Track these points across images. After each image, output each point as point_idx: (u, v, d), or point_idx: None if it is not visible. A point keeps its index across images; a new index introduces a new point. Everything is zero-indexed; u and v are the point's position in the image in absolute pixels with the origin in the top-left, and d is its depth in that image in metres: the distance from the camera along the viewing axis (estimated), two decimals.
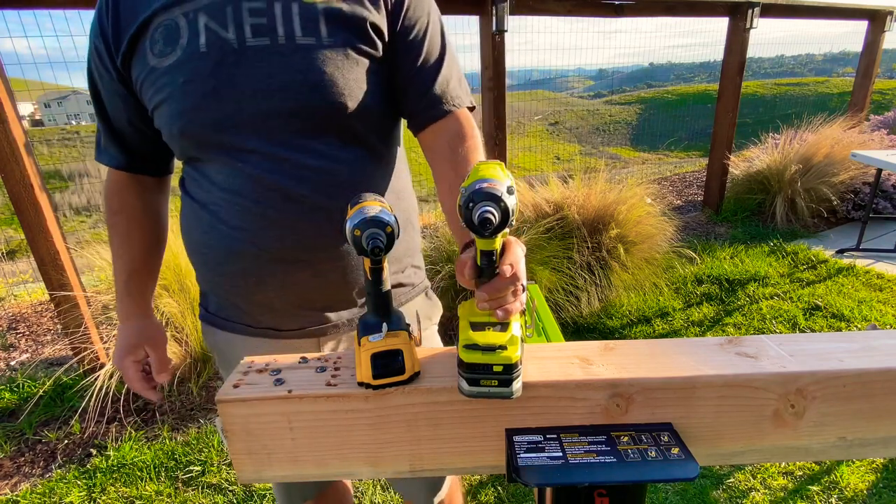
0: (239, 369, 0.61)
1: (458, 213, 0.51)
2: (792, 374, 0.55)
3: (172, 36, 0.72)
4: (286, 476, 0.59)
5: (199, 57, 0.72)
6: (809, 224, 3.89)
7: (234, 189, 0.77)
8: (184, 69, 0.72)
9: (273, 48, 0.72)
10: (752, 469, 1.76)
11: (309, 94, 0.73)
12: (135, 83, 0.77)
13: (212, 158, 0.77)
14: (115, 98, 0.81)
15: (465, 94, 0.84)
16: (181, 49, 0.72)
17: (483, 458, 0.59)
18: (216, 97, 0.72)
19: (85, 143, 23.18)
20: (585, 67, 7.93)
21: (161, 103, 0.75)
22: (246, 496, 1.71)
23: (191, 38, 0.72)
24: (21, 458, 1.92)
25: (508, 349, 0.51)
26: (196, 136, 0.76)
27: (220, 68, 0.72)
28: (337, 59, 0.74)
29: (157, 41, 0.73)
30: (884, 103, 13.09)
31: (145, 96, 0.77)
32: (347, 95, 0.75)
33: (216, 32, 0.72)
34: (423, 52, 0.80)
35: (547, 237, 2.61)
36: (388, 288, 0.59)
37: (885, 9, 4.54)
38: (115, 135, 0.86)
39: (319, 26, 0.73)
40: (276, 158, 0.75)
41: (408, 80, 0.81)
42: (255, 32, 0.72)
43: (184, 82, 0.72)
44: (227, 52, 0.72)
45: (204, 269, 0.85)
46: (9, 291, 3.24)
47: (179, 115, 0.74)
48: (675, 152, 11.89)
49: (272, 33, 0.72)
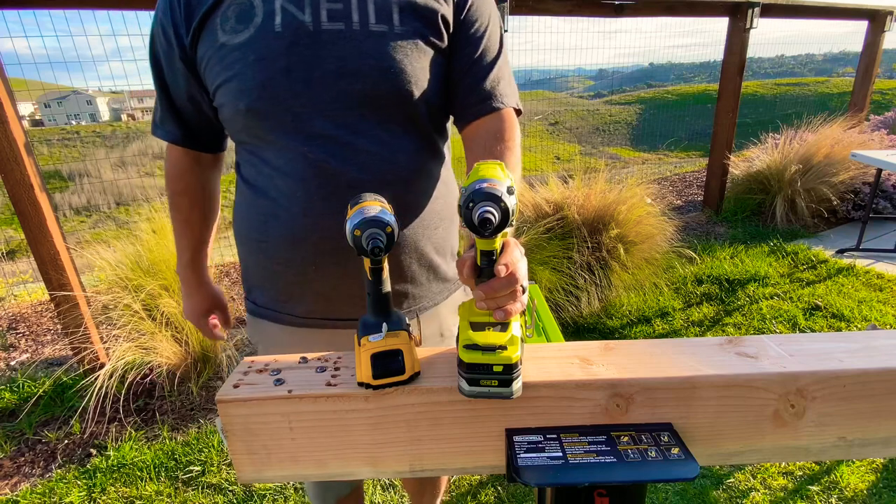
0: (239, 369, 0.61)
1: (458, 212, 0.51)
2: (792, 374, 0.55)
3: (246, 14, 0.74)
4: (286, 476, 0.59)
5: (274, 36, 0.73)
6: (809, 224, 3.89)
7: (297, 174, 0.77)
8: (256, 47, 0.73)
9: (347, 33, 0.74)
10: (752, 469, 1.76)
11: (379, 79, 0.75)
12: (200, 60, 0.78)
13: (274, 141, 0.78)
14: (178, 75, 0.82)
15: (513, 95, 0.86)
16: (255, 27, 0.73)
17: (483, 458, 0.59)
18: (287, 76, 0.74)
19: (85, 143, 23.17)
20: (585, 67, 7.92)
21: (229, 79, 0.75)
22: (246, 496, 1.71)
23: (266, 17, 0.73)
24: (21, 458, 1.92)
25: (508, 349, 0.51)
26: (263, 114, 0.76)
27: (293, 49, 0.73)
28: (407, 47, 0.76)
29: (230, 18, 0.74)
30: (884, 103, 13.09)
31: (211, 73, 0.77)
32: (414, 83, 0.77)
33: (292, 14, 0.73)
34: (481, 47, 0.82)
35: (547, 237, 2.61)
36: (389, 288, 0.59)
37: (885, 9, 4.54)
38: (174, 110, 0.87)
39: (392, 15, 0.76)
40: (340, 143, 0.76)
41: (462, 73, 0.82)
42: (331, 17, 0.74)
43: (255, 59, 0.73)
44: (302, 33, 0.73)
45: (261, 257, 0.85)
46: (9, 291, 3.24)
47: (248, 92, 0.74)
48: (675, 152, 11.89)
49: (347, 19, 0.74)
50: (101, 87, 55.12)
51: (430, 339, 0.94)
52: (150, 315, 2.13)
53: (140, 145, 22.53)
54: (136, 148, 21.92)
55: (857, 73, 4.81)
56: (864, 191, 3.88)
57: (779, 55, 27.96)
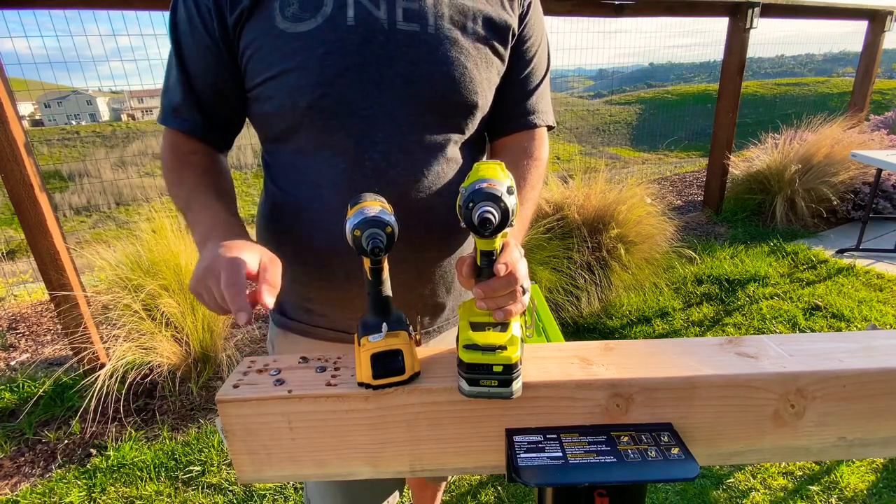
0: (239, 369, 0.61)
1: (458, 213, 0.51)
2: (792, 374, 0.55)
3: (312, 1, 0.68)
4: (286, 476, 0.59)
5: (346, 29, 0.68)
6: (809, 224, 3.89)
7: (346, 182, 0.72)
8: (325, 39, 0.68)
9: (422, 36, 0.70)
10: (752, 469, 1.76)
11: (449, 87, 0.72)
12: (246, 45, 0.70)
13: (327, 143, 0.72)
14: (207, 58, 0.73)
15: (550, 112, 0.86)
16: (323, 17, 0.68)
17: (483, 458, 0.59)
18: (358, 75, 0.69)
19: (85, 143, 23.18)
20: (585, 67, 7.90)
21: (288, 71, 0.69)
22: (246, 496, 1.71)
23: (336, 8, 0.68)
24: (21, 458, 1.92)
25: (508, 349, 0.51)
26: (325, 113, 0.70)
27: (367, 46, 0.68)
28: (478, 57, 0.74)
29: (292, 3, 0.68)
30: (884, 103, 13.09)
31: (261, 62, 0.70)
32: (479, 94, 0.75)
33: (367, 8, 0.69)
34: (532, 64, 0.82)
35: (547, 237, 2.61)
36: (389, 288, 0.59)
37: (885, 9, 4.54)
38: (195, 98, 0.76)
39: (467, 22, 0.73)
40: (399, 152, 0.72)
41: (509, 87, 0.81)
42: (407, 17, 0.70)
43: (324, 53, 0.68)
44: (376, 30, 0.69)
45: (300, 269, 0.79)
46: (9, 291, 3.24)
47: (312, 88, 0.69)
48: (675, 152, 11.89)
49: (423, 20, 0.70)
50: (101, 87, 55.15)
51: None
52: (150, 315, 2.13)
53: (140, 145, 22.54)
54: (136, 148, 21.92)
55: (857, 73, 4.81)
56: (864, 191, 3.88)
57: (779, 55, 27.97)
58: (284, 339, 0.88)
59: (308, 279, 0.80)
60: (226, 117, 0.80)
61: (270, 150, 0.80)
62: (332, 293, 0.80)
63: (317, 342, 0.85)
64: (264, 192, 0.84)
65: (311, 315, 0.84)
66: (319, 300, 0.82)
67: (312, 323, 0.84)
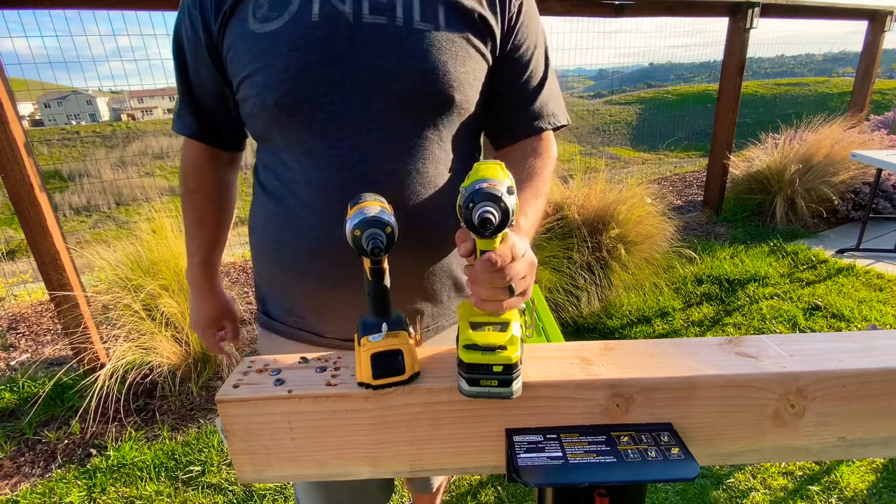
0: (239, 369, 0.61)
1: (459, 213, 0.51)
2: (792, 374, 0.55)
3: (281, 1, 0.69)
4: (286, 476, 0.59)
5: (310, 25, 0.68)
6: (809, 224, 3.89)
7: (321, 180, 0.72)
8: (290, 36, 0.68)
9: (389, 28, 0.69)
10: (752, 469, 1.76)
11: (420, 80, 0.70)
12: (227, 49, 0.73)
13: (300, 141, 0.73)
14: (201, 65, 0.78)
15: (561, 112, 0.85)
16: (289, 14, 0.69)
17: (483, 458, 0.59)
18: (322, 70, 0.69)
19: (85, 143, 23.18)
20: (585, 67, 7.91)
21: (257, 70, 0.70)
22: (246, 496, 1.71)
23: (302, 4, 0.69)
24: (21, 458, 1.92)
25: (508, 349, 0.51)
26: (292, 110, 0.70)
27: (330, 41, 0.68)
28: (452, 49, 0.72)
29: (263, 5, 0.70)
30: (884, 103, 13.08)
31: (237, 63, 0.72)
32: (456, 88, 0.72)
33: (332, 4, 0.69)
34: (531, 68, 0.80)
35: (547, 237, 2.61)
36: (388, 288, 0.59)
37: (885, 9, 4.54)
38: (193, 103, 0.83)
39: (438, 13, 0.71)
40: (369, 148, 0.71)
41: (511, 92, 0.81)
42: (373, 9, 0.69)
43: (289, 50, 0.68)
44: (341, 24, 0.68)
45: (276, 268, 0.81)
46: (9, 291, 3.24)
47: (278, 85, 0.69)
48: (675, 152, 11.88)
49: (390, 13, 0.69)
50: (101, 87, 55.14)
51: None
52: (150, 315, 2.13)
53: (140, 145, 22.54)
54: (136, 148, 21.92)
55: (857, 73, 4.81)
56: (864, 191, 3.87)
57: (779, 55, 27.96)
58: (266, 339, 0.89)
59: (285, 277, 0.80)
60: (227, 121, 0.84)
61: (256, 151, 0.83)
62: (306, 294, 0.80)
63: (297, 344, 0.84)
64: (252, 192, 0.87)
65: (291, 317, 0.84)
66: (295, 301, 0.82)
67: (290, 324, 0.84)
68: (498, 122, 0.84)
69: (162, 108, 52.83)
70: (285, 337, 0.85)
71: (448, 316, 0.87)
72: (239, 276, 3.38)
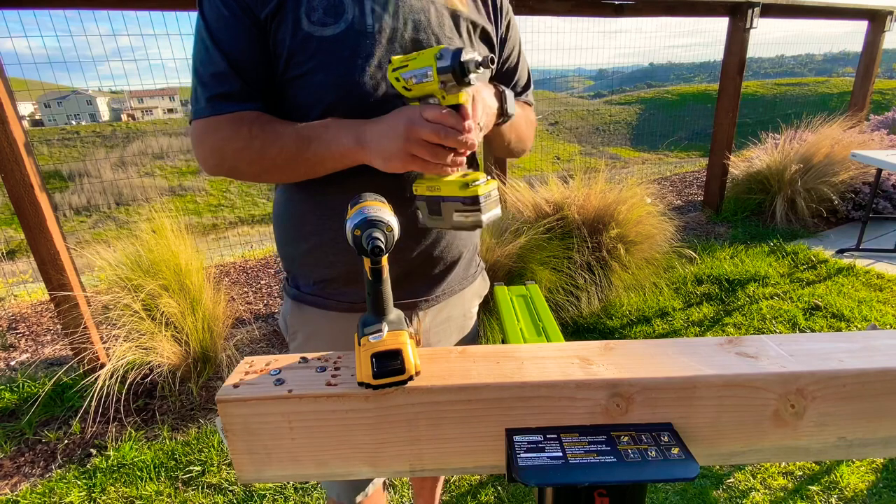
0: (239, 369, 0.61)
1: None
2: (792, 374, 0.55)
3: (334, 9, 0.75)
4: (286, 476, 0.59)
5: (367, 35, 0.76)
6: (809, 224, 3.89)
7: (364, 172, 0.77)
8: (349, 43, 0.75)
9: (426, 45, 0.79)
10: (752, 469, 1.76)
11: None
12: (274, 44, 0.75)
13: None
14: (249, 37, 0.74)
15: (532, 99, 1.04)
16: (345, 23, 0.75)
17: (483, 458, 0.59)
18: (375, 75, 0.77)
19: (85, 143, 23.19)
20: (585, 67, 7.93)
21: (315, 70, 0.75)
22: (246, 496, 1.71)
23: (357, 15, 0.76)
24: (21, 458, 1.92)
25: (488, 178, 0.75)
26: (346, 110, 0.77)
27: (384, 50, 0.77)
28: None
29: (317, 9, 0.75)
30: (884, 103, 13.09)
31: (293, 60, 0.76)
32: None
33: (383, 17, 0.77)
34: (517, 74, 0.98)
35: (547, 237, 2.61)
36: (389, 288, 0.59)
37: (885, 9, 4.54)
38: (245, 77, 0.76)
39: (462, 32, 0.83)
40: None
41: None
42: (415, 28, 0.79)
43: (350, 55, 0.75)
44: (394, 36, 0.78)
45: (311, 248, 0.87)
46: (9, 291, 3.24)
47: (337, 87, 0.76)
48: (675, 152, 11.89)
49: (427, 31, 0.80)
50: (101, 87, 55.15)
51: (456, 321, 1.02)
52: (150, 315, 2.13)
53: (140, 145, 22.54)
54: (136, 148, 21.93)
55: (857, 73, 4.81)
56: (865, 191, 3.88)
57: (779, 55, 27.98)
58: (297, 311, 0.94)
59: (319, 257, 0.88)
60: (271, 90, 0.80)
61: None
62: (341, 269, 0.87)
63: (328, 313, 0.91)
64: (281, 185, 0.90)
65: (323, 288, 0.90)
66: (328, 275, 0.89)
67: (323, 295, 0.91)
68: None
69: (162, 108, 52.79)
70: (318, 307, 0.91)
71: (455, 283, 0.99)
72: (239, 276, 3.38)
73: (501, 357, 0.60)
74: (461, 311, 1.03)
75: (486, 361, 0.60)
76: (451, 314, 1.00)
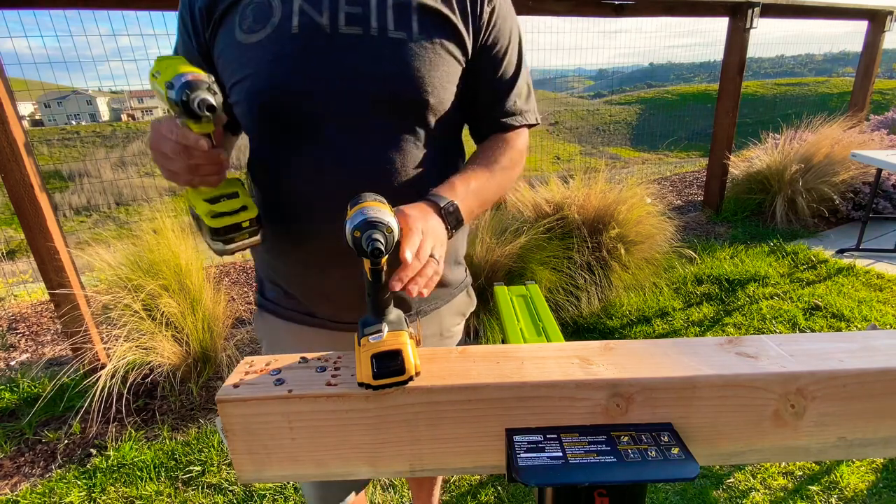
0: (239, 369, 0.61)
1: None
2: (792, 374, 0.55)
3: (264, 14, 0.74)
4: (286, 476, 0.59)
5: (290, 37, 0.74)
6: (809, 224, 3.89)
7: (306, 177, 0.77)
8: (272, 47, 0.74)
9: (365, 38, 0.74)
10: (752, 469, 1.76)
11: (396, 86, 0.75)
12: (217, 57, 0.79)
13: (283, 142, 0.78)
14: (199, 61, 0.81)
15: (531, 111, 0.90)
16: (271, 27, 0.74)
17: (483, 458, 0.59)
18: (303, 77, 0.74)
19: (85, 143, 23.18)
20: (585, 67, 7.93)
21: (245, 78, 0.76)
22: (246, 496, 1.71)
23: (283, 18, 0.74)
24: (21, 458, 1.92)
25: (249, 209, 0.72)
26: (275, 114, 0.76)
27: (308, 50, 0.74)
28: (425, 55, 0.76)
29: (248, 17, 0.75)
30: (884, 103, 13.09)
31: (227, 70, 0.78)
32: (430, 93, 0.77)
33: (310, 16, 0.74)
34: (503, 66, 0.85)
35: (547, 237, 2.61)
36: (389, 288, 0.59)
37: (885, 9, 4.54)
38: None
39: (412, 22, 0.76)
40: (349, 149, 0.76)
41: (484, 91, 0.85)
42: (349, 21, 0.74)
43: (272, 59, 0.74)
44: (318, 36, 0.73)
45: (268, 255, 0.87)
46: (9, 291, 3.24)
47: (261, 92, 0.75)
48: (675, 152, 11.89)
49: (365, 23, 0.74)
50: (101, 87, 55.09)
51: (430, 340, 0.96)
52: (150, 315, 2.13)
53: (140, 145, 22.50)
54: (136, 148, 21.89)
55: (857, 73, 4.81)
56: (865, 191, 3.87)
57: (779, 55, 27.99)
58: (260, 319, 0.95)
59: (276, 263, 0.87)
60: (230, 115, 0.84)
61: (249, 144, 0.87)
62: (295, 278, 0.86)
63: (288, 325, 0.90)
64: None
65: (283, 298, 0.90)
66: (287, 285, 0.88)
67: (283, 305, 0.90)
68: (472, 119, 0.89)
69: (162, 109, 52.62)
70: (278, 317, 0.91)
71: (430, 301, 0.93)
72: (239, 276, 3.38)
73: (501, 357, 0.60)
74: (436, 331, 0.97)
75: (486, 361, 0.60)
76: (424, 333, 0.94)
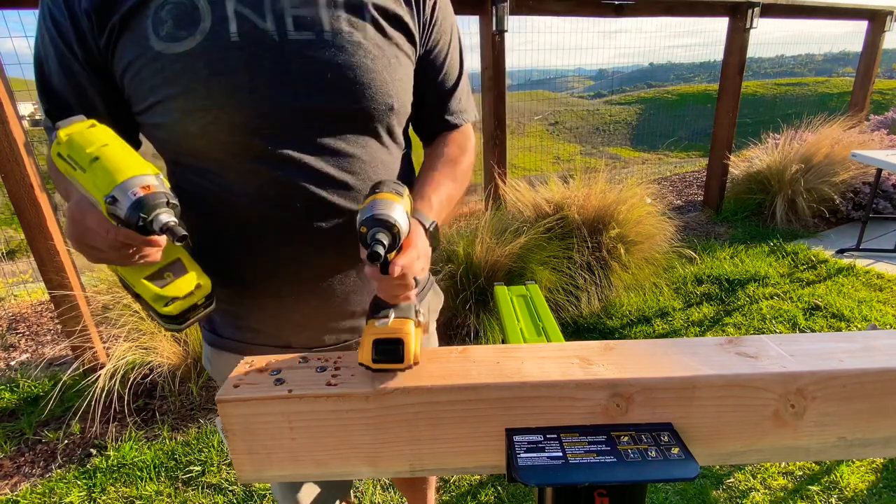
0: (239, 369, 0.61)
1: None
2: (792, 374, 0.55)
3: (188, 17, 0.63)
4: (286, 476, 0.59)
5: (230, 47, 0.63)
6: (809, 224, 3.89)
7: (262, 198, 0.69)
8: (208, 59, 0.63)
9: (319, 44, 0.66)
10: (752, 469, 1.76)
11: (358, 93, 0.68)
12: (122, 68, 0.65)
13: (227, 164, 0.68)
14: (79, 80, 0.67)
15: (471, 109, 0.89)
16: (202, 34, 0.63)
17: (483, 458, 0.59)
18: (251, 94, 0.64)
19: None
20: (585, 67, 7.93)
21: (173, 96, 0.64)
22: (246, 496, 1.71)
23: (216, 23, 0.63)
24: (21, 458, 1.92)
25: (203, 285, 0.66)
26: (219, 137, 0.66)
27: (256, 62, 0.64)
28: (384, 58, 0.70)
29: (165, 21, 0.63)
30: (884, 103, 13.07)
31: (143, 86, 0.65)
32: (394, 96, 0.72)
33: (251, 21, 0.64)
34: (446, 66, 0.82)
35: (547, 237, 2.61)
36: None
37: (885, 9, 4.54)
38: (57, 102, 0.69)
39: (366, 22, 0.69)
40: (310, 166, 0.69)
41: (428, 90, 0.82)
42: (298, 25, 0.65)
43: (210, 74, 0.63)
44: (265, 44, 0.64)
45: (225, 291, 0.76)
46: (9, 291, 3.24)
47: (203, 112, 0.64)
48: (675, 152, 11.89)
49: (318, 27, 0.66)
50: None
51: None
52: None
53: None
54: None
55: (857, 73, 4.81)
56: (865, 191, 3.87)
57: (779, 55, 27.97)
58: (216, 358, 0.86)
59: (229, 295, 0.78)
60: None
61: (175, 169, 0.73)
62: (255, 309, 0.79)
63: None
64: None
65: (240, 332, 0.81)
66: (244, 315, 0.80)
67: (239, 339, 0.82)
68: (418, 118, 0.85)
69: None
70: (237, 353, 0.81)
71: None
72: None
73: (501, 357, 0.60)
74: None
75: (487, 361, 0.60)
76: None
